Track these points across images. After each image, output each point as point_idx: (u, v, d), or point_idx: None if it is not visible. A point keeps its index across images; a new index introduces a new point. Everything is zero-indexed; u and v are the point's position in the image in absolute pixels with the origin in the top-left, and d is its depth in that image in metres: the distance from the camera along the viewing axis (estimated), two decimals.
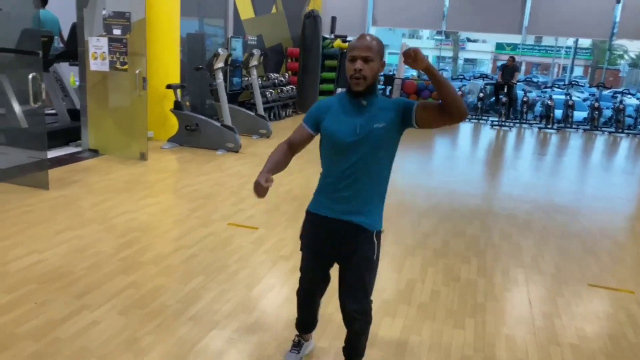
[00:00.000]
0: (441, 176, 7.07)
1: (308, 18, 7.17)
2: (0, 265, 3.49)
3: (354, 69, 2.11)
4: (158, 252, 3.87)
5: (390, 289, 3.57)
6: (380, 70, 2.18)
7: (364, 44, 2.11)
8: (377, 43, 2.14)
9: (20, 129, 5.57)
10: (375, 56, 2.11)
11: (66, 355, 2.57)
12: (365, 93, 2.16)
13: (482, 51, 42.94)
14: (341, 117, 2.20)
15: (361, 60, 2.10)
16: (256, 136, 8.60)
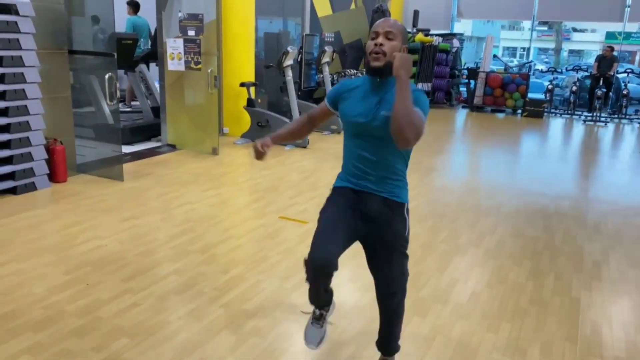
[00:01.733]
0: (514, 174, 6.73)
1: (376, 12, 7.13)
2: (66, 248, 3.85)
3: (375, 43, 2.11)
4: (207, 242, 4.07)
5: (429, 288, 3.48)
6: (402, 51, 2.12)
7: (388, 23, 2.15)
8: (401, 25, 2.17)
9: (106, 125, 6.07)
10: (398, 35, 2.12)
11: (102, 333, 2.80)
12: (385, 69, 2.10)
13: (589, 41, 39.98)
14: (359, 98, 2.20)
15: (383, 36, 2.11)
16: (327, 132, 8.68)
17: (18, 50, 4.79)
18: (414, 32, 12.87)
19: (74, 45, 5.62)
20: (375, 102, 2.15)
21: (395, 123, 1.97)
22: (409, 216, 2.33)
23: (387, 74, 2.11)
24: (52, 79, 5.37)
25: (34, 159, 5.06)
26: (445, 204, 5.29)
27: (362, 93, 2.21)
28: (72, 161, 5.66)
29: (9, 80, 4.76)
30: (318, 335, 2.48)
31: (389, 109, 2.06)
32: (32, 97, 4.96)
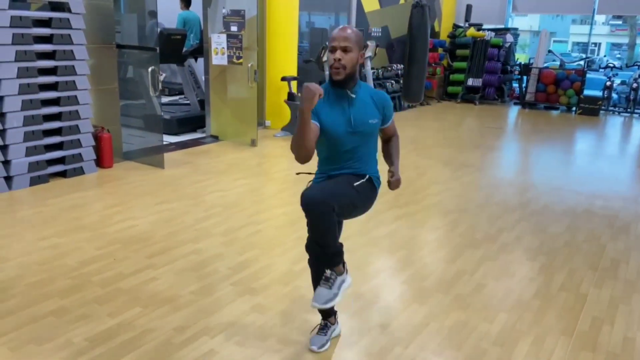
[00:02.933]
0: (551, 172, 6.59)
1: (415, 7, 7.09)
2: (102, 227, 4.20)
3: (333, 58, 2.27)
4: (230, 226, 4.31)
5: (433, 277, 3.57)
6: (359, 60, 2.32)
7: (342, 35, 2.27)
8: (355, 34, 2.30)
9: (150, 115, 6.44)
10: (354, 46, 2.28)
11: (119, 302, 3.08)
12: (346, 82, 2.31)
13: None
14: (334, 108, 2.36)
15: (340, 50, 2.26)
16: None
17: (69, 44, 5.21)
18: (466, 27, 12.69)
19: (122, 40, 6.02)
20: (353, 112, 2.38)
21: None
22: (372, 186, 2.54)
23: (350, 84, 2.34)
24: (101, 71, 5.79)
25: (82, 145, 5.49)
26: (470, 199, 5.29)
27: (333, 104, 2.37)
28: (119, 148, 6.08)
29: (60, 73, 5.19)
30: (320, 341, 2.70)
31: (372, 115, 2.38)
32: (81, 88, 5.38)
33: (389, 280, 3.53)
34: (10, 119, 4.84)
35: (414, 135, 8.38)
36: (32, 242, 3.86)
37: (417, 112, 10.99)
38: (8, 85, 4.78)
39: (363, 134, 2.40)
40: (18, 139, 4.92)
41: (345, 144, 2.40)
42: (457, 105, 12.13)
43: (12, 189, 4.94)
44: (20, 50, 4.81)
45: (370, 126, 2.41)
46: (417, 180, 5.90)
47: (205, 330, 2.84)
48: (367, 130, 2.41)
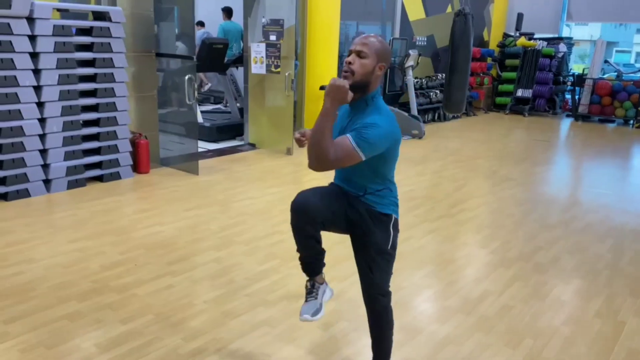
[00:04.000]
0: (599, 188, 6.22)
1: (458, 16, 6.90)
2: (129, 231, 4.25)
3: (346, 61, 2.08)
4: (254, 235, 4.27)
5: (458, 298, 3.39)
6: (375, 71, 2.08)
7: (362, 41, 2.08)
8: (378, 43, 2.09)
9: (186, 122, 6.53)
10: (372, 54, 2.05)
11: (133, 308, 3.09)
12: (354, 90, 2.04)
13: None
14: (341, 116, 2.20)
15: (355, 54, 2.08)
16: (407, 137, 8.60)
17: (109, 52, 5.35)
18: (516, 36, 12.30)
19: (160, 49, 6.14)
20: (348, 120, 2.15)
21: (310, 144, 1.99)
22: (395, 230, 2.29)
23: (357, 92, 2.07)
24: (140, 79, 5.92)
25: (119, 150, 5.61)
26: (508, 215, 5.05)
27: (343, 111, 2.22)
28: (156, 155, 6.19)
29: (100, 80, 5.34)
30: (312, 307, 2.35)
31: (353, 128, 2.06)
32: (120, 95, 5.51)
33: (411, 297, 3.38)
34: (51, 124, 5.01)
35: (456, 147, 8.15)
36: (61, 245, 3.95)
37: (462, 123, 10.71)
38: (49, 91, 4.95)
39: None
40: (57, 144, 5.08)
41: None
42: (505, 117, 11.75)
43: (50, 191, 5.10)
44: (61, 57, 4.98)
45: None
46: (454, 193, 5.70)
47: (213, 342, 2.79)
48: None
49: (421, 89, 10.29)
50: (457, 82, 7.10)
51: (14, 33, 4.62)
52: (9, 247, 3.86)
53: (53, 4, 4.99)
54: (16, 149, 4.80)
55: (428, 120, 10.38)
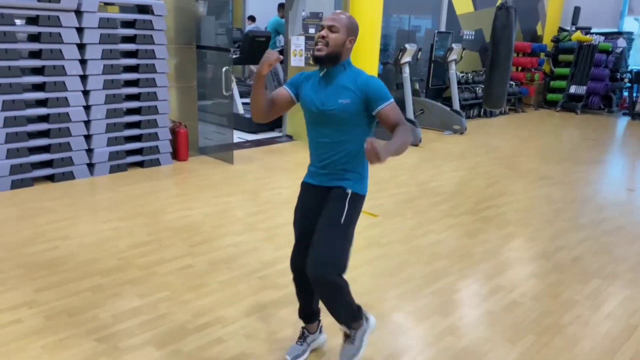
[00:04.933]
0: None
1: (500, 9, 6.78)
2: (160, 214, 4.49)
3: (318, 35, 2.26)
4: (276, 222, 4.41)
5: (466, 291, 3.40)
6: (347, 44, 2.26)
7: (331, 17, 2.28)
8: (347, 18, 2.27)
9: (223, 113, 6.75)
10: (342, 29, 2.24)
11: (151, 284, 3.29)
12: (327, 61, 2.25)
13: None
14: (315, 87, 2.33)
15: (327, 29, 2.25)
16: (449, 132, 8.51)
17: (151, 44, 5.62)
18: (572, 30, 11.85)
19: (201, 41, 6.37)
20: (330, 90, 2.27)
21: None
22: (355, 206, 2.36)
23: (329, 63, 2.26)
24: (181, 70, 6.18)
25: (159, 138, 5.89)
26: (537, 214, 4.96)
27: (315, 82, 2.34)
28: (195, 143, 6.45)
29: (142, 70, 5.62)
30: (295, 350, 2.62)
31: (343, 97, 2.23)
32: (160, 85, 5.78)
33: (419, 288, 3.43)
34: (95, 111, 5.33)
35: (497, 144, 8.00)
36: (96, 224, 4.23)
37: (508, 119, 10.47)
38: (94, 80, 5.26)
39: (334, 116, 2.25)
40: (101, 130, 5.40)
41: (318, 131, 2.33)
42: (556, 114, 11.38)
43: (93, 175, 5.44)
44: (106, 49, 5.28)
45: (339, 106, 2.22)
46: (484, 190, 5.63)
47: (220, 319, 2.95)
48: (337, 111, 2.23)
49: (467, 83, 10.13)
50: (498, 77, 7.00)
51: (63, 25, 4.95)
52: (50, 224, 4.17)
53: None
54: (63, 134, 5.14)
55: (473, 116, 10.22)
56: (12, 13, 4.66)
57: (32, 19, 4.87)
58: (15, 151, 4.84)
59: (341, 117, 2.25)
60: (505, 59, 6.89)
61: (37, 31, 4.84)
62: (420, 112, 8.60)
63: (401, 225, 4.52)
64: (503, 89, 7.01)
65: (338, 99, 2.24)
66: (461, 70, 10.20)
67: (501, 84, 6.98)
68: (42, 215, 4.33)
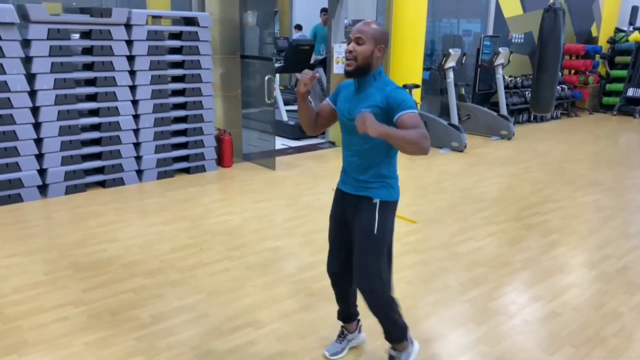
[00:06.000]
0: None
1: (547, 11, 6.61)
2: (202, 218, 4.63)
3: (346, 50, 2.29)
4: (313, 228, 4.46)
5: (503, 300, 3.34)
6: (375, 54, 2.26)
7: (358, 28, 2.28)
8: (373, 29, 2.26)
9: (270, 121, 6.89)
10: (369, 39, 2.24)
11: (189, 286, 3.41)
12: (356, 73, 2.28)
13: None
14: (347, 97, 2.39)
15: (354, 42, 2.27)
16: (496, 137, 8.34)
17: (197, 55, 5.82)
18: (629, 31, 11.37)
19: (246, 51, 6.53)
20: (357, 100, 2.32)
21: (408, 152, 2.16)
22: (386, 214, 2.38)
23: (359, 75, 2.29)
24: (226, 79, 6.36)
25: (205, 145, 6.08)
26: (583, 221, 4.79)
27: (350, 93, 2.38)
28: (239, 150, 6.61)
29: (188, 80, 5.82)
30: (334, 348, 2.74)
31: (366, 105, 2.24)
32: (206, 94, 5.97)
33: (454, 296, 3.39)
34: (144, 120, 5.56)
35: (545, 149, 7.77)
36: (141, 228, 4.41)
37: (560, 124, 10.14)
38: (143, 90, 5.50)
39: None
40: (149, 138, 5.63)
41: (347, 136, 2.39)
42: (613, 118, 10.93)
43: (142, 181, 5.67)
44: (154, 60, 5.51)
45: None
46: (530, 197, 5.49)
47: (253, 322, 3.02)
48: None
49: (516, 87, 9.89)
50: (545, 80, 6.84)
51: (114, 38, 5.20)
52: (99, 228, 4.38)
53: (148, 11, 5.53)
54: (113, 142, 5.39)
55: (523, 121, 9.96)
56: (67, 28, 4.94)
57: (85, 33, 5.15)
58: (69, 158, 5.12)
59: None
60: (553, 62, 6.71)
61: (90, 44, 5.12)
62: (466, 117, 8.48)
63: (441, 232, 4.48)
64: (551, 93, 6.83)
65: (362, 107, 2.26)
66: (510, 75, 9.98)
67: (549, 88, 6.80)
68: (92, 219, 4.56)
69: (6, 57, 4.62)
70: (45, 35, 4.79)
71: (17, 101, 4.74)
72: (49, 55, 4.85)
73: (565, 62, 11.27)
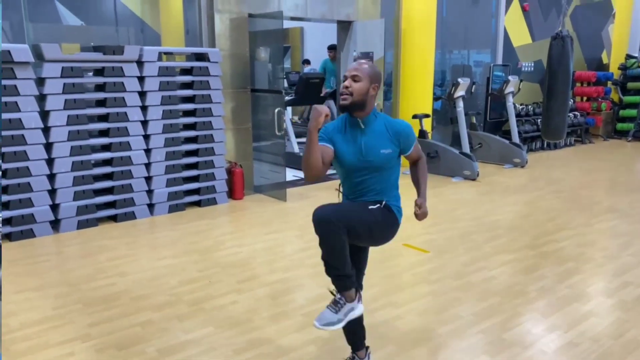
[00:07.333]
0: None
1: (555, 39, 6.62)
2: (212, 251, 4.61)
3: (343, 85, 2.39)
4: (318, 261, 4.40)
5: (518, 330, 3.24)
6: (370, 92, 2.38)
7: (354, 66, 2.41)
8: (369, 67, 2.39)
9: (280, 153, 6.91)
10: (365, 78, 2.36)
11: (197, 320, 3.37)
12: (353, 109, 2.38)
13: None
14: (347, 137, 2.42)
15: (350, 79, 2.37)
16: (509, 165, 8.27)
17: (208, 89, 5.91)
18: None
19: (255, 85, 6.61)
20: (366, 141, 2.40)
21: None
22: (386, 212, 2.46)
23: (355, 110, 2.40)
24: (236, 113, 6.43)
25: (216, 178, 6.11)
26: (600, 249, 4.68)
27: (347, 133, 2.43)
28: (250, 182, 6.64)
29: (199, 114, 5.90)
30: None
31: (384, 146, 2.39)
32: (217, 127, 6.03)
33: (465, 327, 3.30)
34: (155, 154, 5.62)
35: (559, 176, 7.68)
36: (151, 261, 4.40)
37: (574, 151, 10.04)
38: (154, 125, 5.57)
39: (375, 165, 2.38)
40: (160, 172, 5.68)
41: (357, 174, 2.42)
42: (628, 144, 10.81)
43: (153, 214, 5.69)
44: (165, 95, 5.60)
45: (381, 157, 2.38)
46: (543, 225, 5.39)
47: (261, 356, 2.96)
48: (379, 161, 2.38)
49: (527, 115, 9.87)
50: (555, 107, 6.77)
51: (126, 75, 5.31)
52: (109, 262, 4.38)
53: (160, 48, 5.65)
54: (125, 176, 5.45)
55: (536, 149, 9.89)
56: (81, 66, 5.06)
57: (98, 71, 5.26)
58: (81, 193, 5.17)
59: (381, 165, 2.39)
60: (563, 89, 6.66)
61: (103, 81, 5.23)
62: (478, 145, 8.45)
63: (453, 262, 4.40)
64: (562, 120, 6.77)
65: (380, 149, 2.38)
66: (521, 103, 9.97)
67: (559, 115, 6.74)
68: (103, 253, 4.57)
69: (21, 95, 4.73)
70: (59, 73, 4.91)
71: (31, 138, 4.83)
72: (63, 93, 4.96)
73: (577, 89, 11.24)
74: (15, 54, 4.63)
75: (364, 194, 2.45)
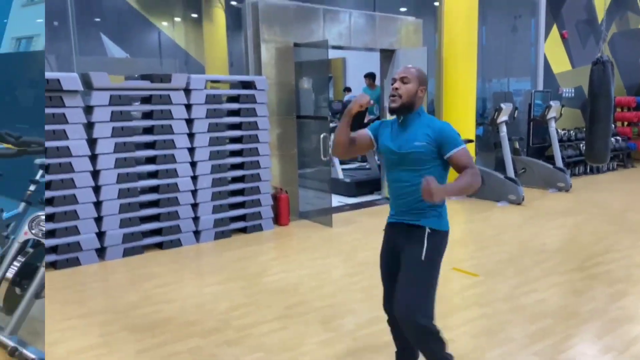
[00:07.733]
0: None
1: (596, 64, 6.53)
2: (258, 277, 4.53)
3: (392, 87, 2.41)
4: (370, 284, 4.21)
5: (572, 352, 3.00)
6: (418, 94, 2.42)
7: (404, 70, 2.46)
8: (417, 71, 2.43)
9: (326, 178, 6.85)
10: (413, 80, 2.41)
11: (246, 345, 3.27)
12: (402, 111, 2.42)
13: None
14: (392, 134, 2.49)
15: (399, 81, 2.40)
16: (553, 190, 7.99)
17: (254, 116, 5.93)
18: None
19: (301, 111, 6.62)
20: (404, 137, 2.41)
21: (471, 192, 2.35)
22: (435, 243, 2.40)
23: (404, 112, 2.43)
24: (282, 139, 6.43)
25: (261, 204, 6.07)
26: None
27: (393, 130, 2.49)
28: (295, 208, 6.56)
29: (245, 141, 5.91)
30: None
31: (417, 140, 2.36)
32: (263, 154, 6.03)
33: (518, 350, 3.10)
34: (201, 181, 5.64)
35: (604, 200, 7.39)
36: (198, 287, 4.35)
37: (617, 175, 9.72)
38: (201, 152, 5.61)
39: (408, 158, 2.38)
40: (207, 199, 5.68)
41: (395, 170, 2.45)
42: None
43: (199, 241, 5.67)
44: (212, 122, 5.65)
45: (414, 148, 2.36)
46: (591, 247, 5.13)
47: None
48: (412, 153, 2.36)
49: (569, 140, 9.62)
50: (599, 131, 6.65)
51: (173, 103, 5.39)
52: (156, 289, 4.35)
53: (207, 76, 5.74)
54: (171, 203, 5.47)
55: (579, 173, 9.58)
56: (128, 94, 5.17)
57: (145, 99, 5.36)
58: (127, 221, 5.21)
59: (416, 159, 2.37)
60: (605, 113, 6.54)
61: (150, 109, 5.32)
62: (522, 170, 8.22)
63: (503, 285, 4.19)
64: (605, 143, 6.59)
65: (414, 142, 2.37)
66: (563, 128, 9.73)
67: (603, 138, 6.59)
68: (149, 280, 4.54)
69: (69, 123, 4.83)
70: (107, 101, 5.01)
71: (78, 165, 4.90)
72: (110, 120, 5.05)
73: (618, 114, 10.95)
74: (65, 82, 4.76)
75: (402, 208, 2.45)
